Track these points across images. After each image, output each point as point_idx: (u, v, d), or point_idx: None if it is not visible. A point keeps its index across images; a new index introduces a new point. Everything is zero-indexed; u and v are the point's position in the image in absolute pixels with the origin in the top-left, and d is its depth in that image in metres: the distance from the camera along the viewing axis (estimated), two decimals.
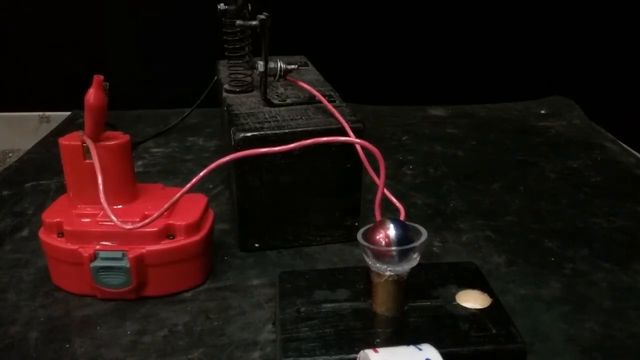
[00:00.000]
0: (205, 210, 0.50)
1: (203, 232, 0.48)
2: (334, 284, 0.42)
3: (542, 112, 0.96)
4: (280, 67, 0.56)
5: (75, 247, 0.45)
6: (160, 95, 1.05)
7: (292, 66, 0.57)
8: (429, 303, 0.39)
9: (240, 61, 0.60)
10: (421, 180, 0.71)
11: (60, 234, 0.46)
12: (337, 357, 0.35)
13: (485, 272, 0.48)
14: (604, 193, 0.67)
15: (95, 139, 0.46)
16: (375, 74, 1.08)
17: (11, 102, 1.17)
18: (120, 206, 0.47)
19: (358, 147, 0.49)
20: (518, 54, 0.70)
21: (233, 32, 0.58)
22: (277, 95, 0.58)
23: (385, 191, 0.45)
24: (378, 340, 0.36)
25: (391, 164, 0.75)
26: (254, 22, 0.53)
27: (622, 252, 0.55)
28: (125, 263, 0.45)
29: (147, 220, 0.43)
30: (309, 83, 0.58)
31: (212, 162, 0.40)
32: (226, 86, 0.62)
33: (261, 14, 0.53)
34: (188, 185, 0.41)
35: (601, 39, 1.00)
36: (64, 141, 0.47)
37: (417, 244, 0.36)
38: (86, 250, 0.45)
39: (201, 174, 0.41)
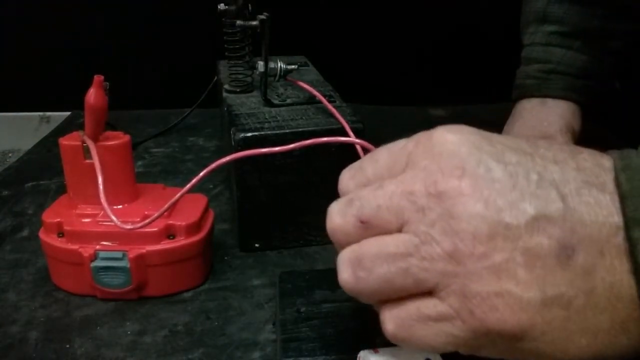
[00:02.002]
0: (206, 211, 0.50)
1: (203, 232, 0.48)
2: (334, 284, 0.41)
3: None
4: (281, 67, 0.56)
5: (75, 247, 0.45)
6: (160, 95, 1.05)
7: (292, 66, 0.57)
8: None
9: (240, 61, 0.60)
10: None
11: (60, 234, 0.46)
12: (337, 357, 0.35)
13: None
14: None
15: (95, 139, 0.46)
16: (375, 74, 1.08)
17: (11, 102, 1.17)
18: (120, 206, 0.47)
19: (358, 147, 0.49)
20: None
21: (233, 32, 0.58)
22: (277, 96, 0.58)
23: None
24: (378, 340, 0.36)
25: None
26: (254, 22, 0.54)
27: None
28: (126, 263, 0.45)
29: (147, 221, 0.43)
30: (309, 83, 0.58)
31: (212, 162, 0.40)
32: (226, 86, 0.62)
33: (261, 14, 0.54)
34: (188, 186, 0.41)
35: None
36: (64, 141, 0.47)
37: None
38: (86, 250, 0.45)
39: (201, 174, 0.41)
